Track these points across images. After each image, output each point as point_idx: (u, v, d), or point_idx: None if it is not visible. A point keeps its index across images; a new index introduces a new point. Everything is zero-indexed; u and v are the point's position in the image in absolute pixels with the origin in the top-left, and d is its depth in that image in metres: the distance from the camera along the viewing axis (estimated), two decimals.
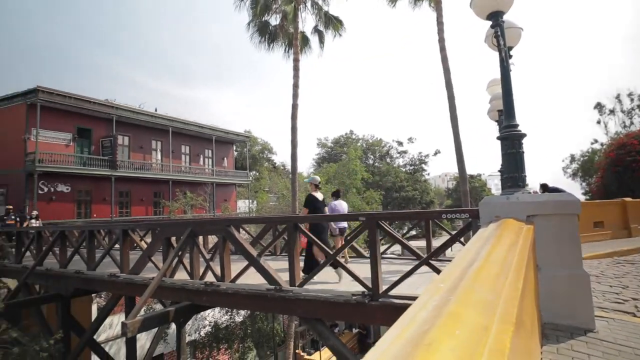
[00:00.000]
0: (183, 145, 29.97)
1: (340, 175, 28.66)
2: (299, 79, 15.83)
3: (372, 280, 4.64)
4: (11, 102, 21.58)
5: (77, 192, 22.45)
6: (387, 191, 42.28)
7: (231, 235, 5.56)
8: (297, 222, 5.33)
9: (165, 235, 6.34)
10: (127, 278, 6.77)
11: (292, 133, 15.09)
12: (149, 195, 26.64)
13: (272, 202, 30.44)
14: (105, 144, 24.03)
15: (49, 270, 8.63)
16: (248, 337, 17.23)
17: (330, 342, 5.07)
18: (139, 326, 5.34)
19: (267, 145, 51.35)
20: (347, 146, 44.89)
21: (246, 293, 5.31)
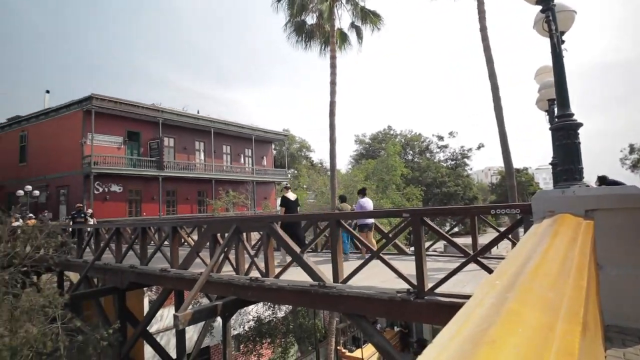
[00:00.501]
0: (224, 145, 30.91)
1: (379, 171, 28.36)
2: (336, 76, 15.81)
3: (417, 277, 4.56)
4: (69, 110, 23.25)
5: (128, 192, 23.83)
6: (428, 187, 41.31)
7: (275, 232, 5.67)
8: (340, 219, 5.34)
9: (212, 232, 6.59)
10: (177, 273, 7.12)
11: (330, 130, 15.11)
12: (193, 194, 27.76)
13: (310, 200, 30.70)
14: (152, 146, 25.31)
15: (106, 265, 9.25)
16: (290, 333, 17.53)
17: (374, 339, 5.04)
18: (190, 319, 5.59)
19: (305, 143, 51.78)
20: (385, 142, 44.32)
21: (290, 289, 5.40)
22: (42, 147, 24.95)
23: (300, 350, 19.74)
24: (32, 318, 7.29)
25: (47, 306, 7.37)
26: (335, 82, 15.59)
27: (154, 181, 24.59)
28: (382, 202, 23.40)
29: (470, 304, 1.46)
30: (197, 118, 28.27)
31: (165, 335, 16.28)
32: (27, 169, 25.67)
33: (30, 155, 25.84)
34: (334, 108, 15.30)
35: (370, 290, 4.86)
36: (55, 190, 23.65)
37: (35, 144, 25.62)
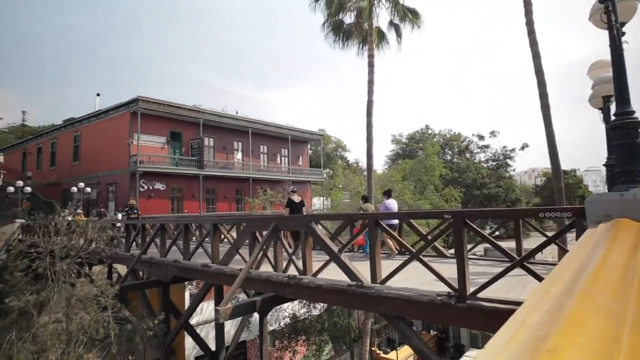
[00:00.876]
0: (261, 145, 31.54)
1: (416, 171, 27.84)
2: (374, 75, 15.68)
3: (458, 280, 4.44)
4: (117, 111, 24.63)
5: (171, 190, 24.90)
6: (468, 188, 40.02)
7: (313, 231, 5.72)
8: (379, 218, 5.30)
9: (251, 230, 6.75)
10: (218, 268, 7.36)
11: (368, 129, 15.01)
12: (231, 192, 28.55)
13: (346, 200, 30.66)
14: (193, 146, 26.28)
15: (151, 259, 9.72)
16: (325, 331, 17.61)
17: (413, 342, 4.96)
18: (230, 313, 5.76)
19: (341, 143, 51.78)
20: (423, 142, 43.41)
21: (328, 287, 5.43)
22: (93, 147, 26.63)
23: (334, 349, 19.78)
24: (86, 306, 7.82)
25: (99, 296, 7.88)
26: (373, 81, 15.47)
27: (194, 179, 25.54)
28: (420, 203, 22.97)
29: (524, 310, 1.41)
30: (236, 119, 29.06)
31: (204, 327, 16.86)
32: (80, 167, 27.49)
33: (82, 155, 27.65)
34: (372, 107, 15.19)
35: (410, 292, 4.79)
36: (105, 188, 25.15)
37: (87, 143, 27.39)
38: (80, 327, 7.80)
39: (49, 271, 7.81)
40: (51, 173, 30.60)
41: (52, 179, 30.12)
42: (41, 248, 8.17)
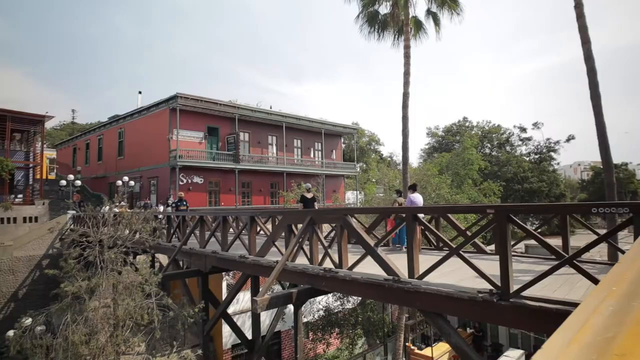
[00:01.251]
0: (295, 139, 31.79)
1: (454, 165, 27.05)
2: (410, 67, 15.33)
3: (501, 278, 4.28)
4: (158, 108, 25.62)
5: (208, 183, 25.68)
6: (508, 182, 38.41)
7: (349, 224, 5.70)
8: (416, 212, 5.19)
9: (287, 223, 6.83)
10: (255, 260, 7.52)
11: (403, 122, 14.72)
12: (266, 186, 29.04)
13: (379, 194, 30.37)
14: (229, 140, 26.91)
15: (191, 250, 10.09)
16: (358, 325, 17.61)
17: (452, 339, 4.85)
18: (267, 304, 5.88)
19: (374, 137, 51.21)
20: (460, 134, 42.12)
21: (364, 281, 5.40)
22: (136, 142, 27.92)
23: (367, 343, 19.77)
24: (132, 293, 8.26)
25: (144, 283, 8.29)
26: (409, 72, 15.14)
27: (230, 173, 26.18)
28: (457, 197, 22.32)
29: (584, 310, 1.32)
30: (270, 113, 29.44)
31: (240, 317, 17.34)
32: (124, 161, 28.92)
33: (126, 150, 29.07)
34: (408, 100, 14.87)
35: (448, 288, 4.68)
36: (147, 181, 26.33)
37: (130, 139, 28.75)
38: (127, 312, 8.26)
39: (98, 259, 8.32)
40: (98, 167, 32.43)
41: (99, 173, 31.93)
42: (91, 237, 8.72)
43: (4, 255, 20.17)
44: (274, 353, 17.99)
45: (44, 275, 20.71)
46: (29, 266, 20.81)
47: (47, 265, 20.99)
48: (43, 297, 20.60)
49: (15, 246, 20.64)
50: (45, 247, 21.44)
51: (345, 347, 18.94)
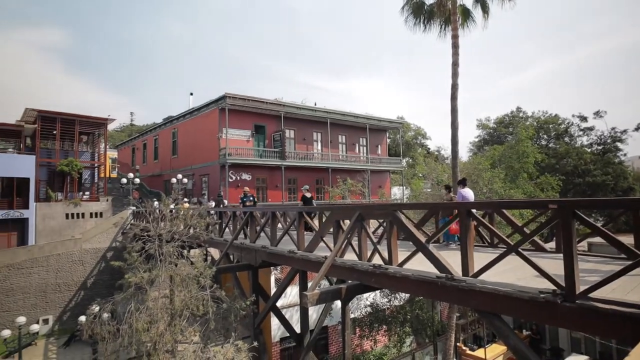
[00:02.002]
0: (340, 135, 31.79)
1: (507, 158, 25.65)
2: (459, 57, 14.72)
3: (565, 278, 3.99)
4: (208, 108, 26.71)
5: (256, 180, 26.43)
6: (567, 176, 35.79)
7: (398, 220, 5.60)
8: (470, 208, 4.98)
9: (336, 218, 6.84)
10: (303, 255, 7.63)
11: (452, 114, 14.18)
12: (311, 182, 29.33)
13: (427, 189, 29.59)
14: (275, 138, 27.48)
15: (242, 244, 10.44)
16: (407, 323, 17.31)
17: (510, 341, 4.61)
18: (317, 298, 5.95)
19: (421, 131, 49.90)
20: (513, 126, 39.88)
21: (415, 278, 5.28)
22: (188, 142, 29.34)
23: (416, 341, 19.40)
24: (188, 285, 8.71)
25: (199, 276, 8.72)
26: (458, 63, 14.54)
27: (277, 170, 26.75)
28: (511, 192, 21.15)
29: None
30: (315, 110, 29.66)
31: (288, 311, 17.71)
32: (178, 160, 30.51)
33: (180, 149, 30.63)
34: (456, 91, 14.30)
35: (506, 287, 4.44)
36: (199, 178, 27.61)
37: (183, 139, 30.25)
38: (184, 303, 8.72)
39: (157, 252, 8.86)
40: (155, 166, 34.49)
41: (155, 171, 33.96)
42: (152, 232, 9.30)
43: (75, 247, 22.09)
44: (321, 348, 18.20)
45: (109, 266, 22.48)
46: (96, 258, 22.64)
47: (111, 257, 22.73)
48: (108, 287, 22.38)
49: (84, 239, 22.54)
50: (109, 240, 23.20)
51: (393, 345, 18.73)
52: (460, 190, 8.76)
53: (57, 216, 25.02)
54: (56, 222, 24.95)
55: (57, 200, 25.65)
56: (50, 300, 20.98)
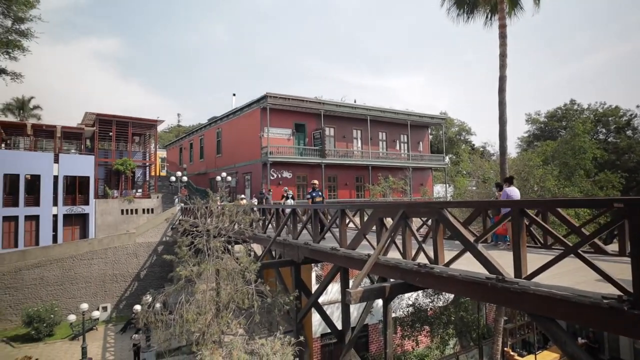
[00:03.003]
0: (380, 132, 31.41)
1: (561, 154, 24.07)
2: (507, 47, 14.04)
3: (634, 283, 3.69)
4: (250, 108, 27.38)
5: (296, 178, 26.76)
6: (630, 173, 33.00)
7: (445, 219, 5.45)
8: (523, 207, 4.74)
9: (378, 216, 6.78)
10: (346, 252, 7.63)
11: (500, 108, 13.54)
12: (351, 179, 29.26)
13: (471, 187, 28.53)
14: (315, 136, 27.65)
15: (285, 240, 10.62)
16: (450, 324, 16.82)
17: (567, 347, 4.34)
18: (360, 296, 5.93)
19: (465, 126, 48.13)
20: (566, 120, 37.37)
21: (462, 279, 5.12)
22: (231, 141, 30.26)
23: (460, 344, 18.82)
24: (234, 279, 9.02)
25: (244, 270, 9.00)
26: (506, 53, 13.87)
27: (317, 168, 26.92)
28: (566, 190, 19.81)
29: None
30: (354, 107, 29.51)
31: (328, 307, 17.81)
32: (222, 159, 31.56)
33: (223, 148, 31.67)
34: (505, 83, 13.65)
35: (564, 290, 4.19)
36: (242, 176, 28.40)
37: (227, 138, 31.24)
38: (230, 296, 9.04)
39: (205, 247, 9.25)
40: (200, 164, 35.91)
41: (201, 170, 35.36)
42: (200, 227, 9.72)
43: (129, 240, 23.56)
44: (361, 345, 18.13)
45: (159, 259, 23.76)
46: (148, 251, 24.02)
47: (161, 250, 24.02)
48: (159, 279, 23.68)
49: (137, 233, 23.98)
50: (160, 235, 24.51)
51: (435, 347, 18.28)
52: (505, 189, 8.35)
53: (113, 212, 26.82)
54: (112, 218, 26.74)
55: (113, 197, 27.50)
56: (108, 289, 22.55)
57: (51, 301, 20.30)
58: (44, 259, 21.11)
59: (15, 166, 23.74)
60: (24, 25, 15.63)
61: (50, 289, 21.04)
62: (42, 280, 20.88)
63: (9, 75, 16.19)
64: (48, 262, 21.14)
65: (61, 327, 19.34)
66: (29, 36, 15.81)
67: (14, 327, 19.61)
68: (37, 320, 18.35)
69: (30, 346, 17.56)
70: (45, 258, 21.16)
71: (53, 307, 19.38)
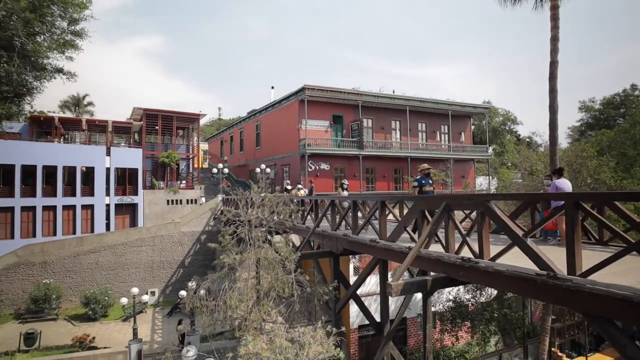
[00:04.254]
0: (419, 122, 30.65)
1: (618, 144, 22.32)
2: (559, 31, 13.15)
3: None
4: (288, 101, 27.61)
5: (334, 169, 26.77)
6: None
7: (491, 211, 5.24)
8: (578, 199, 4.46)
9: (420, 208, 6.64)
10: (386, 244, 7.56)
11: (551, 96, 12.75)
12: (389, 171, 28.85)
13: (517, 179, 27.24)
14: (353, 127, 27.45)
15: (323, 232, 10.70)
16: (493, 321, 16.28)
17: (628, 351, 4.06)
18: (401, 289, 5.87)
19: (510, 116, 45.80)
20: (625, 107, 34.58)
21: (510, 274, 4.91)
22: (270, 133, 30.73)
23: (503, 342, 18.18)
24: (274, 268, 9.23)
25: (284, 260, 9.18)
26: (558, 37, 13.01)
27: (355, 160, 26.77)
28: (624, 183, 18.39)
29: None
30: (393, 98, 28.95)
31: (366, 299, 17.79)
32: (261, 151, 32.16)
33: (262, 140, 32.24)
34: (556, 69, 12.82)
35: (625, 290, 3.91)
36: (280, 168, 28.83)
37: (265, 130, 31.76)
38: (270, 285, 9.27)
39: (247, 236, 9.53)
40: (240, 157, 36.83)
41: (241, 162, 36.27)
42: (242, 217, 10.01)
43: (175, 229, 24.71)
44: (399, 338, 17.99)
45: (202, 248, 24.77)
46: (192, 240, 25.08)
47: (204, 239, 25.00)
48: (202, 266, 24.72)
49: (182, 223, 25.08)
50: (202, 225, 25.50)
51: (476, 343, 17.79)
52: (555, 181, 7.83)
53: (159, 202, 28.21)
54: (159, 207, 28.15)
55: (160, 188, 28.92)
56: (156, 275, 23.85)
57: (105, 284, 21.81)
58: (98, 245, 22.67)
59: (73, 159, 25.53)
60: (79, 26, 16.56)
61: (104, 274, 22.58)
62: (97, 265, 22.45)
63: (65, 75, 17.28)
64: (102, 249, 22.67)
65: (114, 309, 20.73)
66: (83, 36, 16.74)
67: (74, 307, 21.28)
68: (94, 302, 19.80)
69: (88, 325, 19.00)
70: (99, 244, 22.71)
71: (107, 290, 20.81)
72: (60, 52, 16.17)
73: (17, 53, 14.68)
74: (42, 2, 14.62)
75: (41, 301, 19.74)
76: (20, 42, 14.80)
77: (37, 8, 14.45)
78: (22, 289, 20.84)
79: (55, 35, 16.13)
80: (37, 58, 15.86)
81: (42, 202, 24.26)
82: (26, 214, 23.95)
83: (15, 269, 21.01)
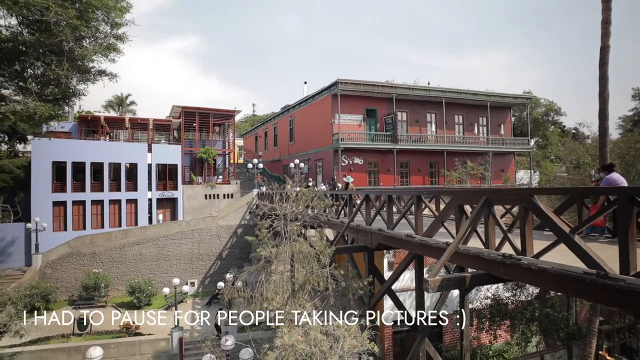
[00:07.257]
0: (456, 115, 29.76)
1: None
2: (611, 13, 12.28)
3: None
4: (321, 95, 27.62)
5: (367, 164, 26.57)
6: None
7: (535, 206, 5.02)
8: (633, 194, 4.19)
9: (458, 203, 6.48)
10: (422, 240, 7.44)
11: (601, 83, 11.95)
12: (425, 165, 28.26)
13: (561, 173, 25.87)
14: (387, 121, 27.08)
15: (358, 226, 10.67)
16: (535, 321, 15.65)
17: None
18: (439, 285, 5.76)
19: (553, 106, 43.40)
20: None
21: (555, 272, 4.70)
22: (303, 128, 30.92)
23: (546, 343, 17.44)
24: (310, 261, 9.33)
25: (319, 254, 9.26)
26: (610, 20, 12.15)
27: (389, 154, 26.43)
28: None
29: None
30: (428, 90, 28.26)
31: (400, 295, 17.59)
32: (295, 146, 32.44)
33: (296, 135, 32.50)
34: (607, 55, 11.99)
35: None
36: (314, 163, 28.97)
37: (299, 126, 31.99)
38: (305, 278, 9.39)
39: (283, 230, 9.69)
40: (274, 152, 37.34)
41: (275, 157, 36.78)
42: (278, 211, 10.19)
43: (212, 223, 25.52)
44: (434, 335, 17.69)
45: (239, 241, 25.44)
46: (229, 233, 25.81)
47: (240, 233, 25.66)
48: (238, 259, 25.40)
49: (219, 217, 25.86)
50: (239, 219, 26.17)
51: (515, 343, 17.18)
52: (605, 177, 7.44)
53: (198, 196, 29.21)
54: (198, 202, 29.15)
55: (198, 183, 29.93)
56: (195, 267, 24.79)
57: (148, 275, 22.95)
58: (142, 237, 23.85)
59: (118, 156, 26.92)
60: (120, 30, 17.33)
61: (148, 264, 23.74)
62: (141, 256, 23.64)
63: (107, 76, 18.21)
64: (145, 241, 23.84)
65: (157, 298, 21.78)
66: (124, 39, 17.50)
67: (120, 296, 22.58)
68: (138, 291, 20.89)
69: (133, 312, 20.10)
70: (143, 237, 23.89)
71: (150, 281, 21.89)
72: (104, 56, 17.03)
73: (65, 57, 15.59)
74: (88, 7, 15.42)
75: (91, 289, 21.11)
76: (68, 47, 15.72)
77: (83, 14, 15.27)
78: (75, 277, 22.38)
79: (99, 39, 17.00)
80: (84, 61, 16.79)
81: (91, 196, 25.78)
82: (77, 208, 25.56)
83: (68, 258, 22.58)
